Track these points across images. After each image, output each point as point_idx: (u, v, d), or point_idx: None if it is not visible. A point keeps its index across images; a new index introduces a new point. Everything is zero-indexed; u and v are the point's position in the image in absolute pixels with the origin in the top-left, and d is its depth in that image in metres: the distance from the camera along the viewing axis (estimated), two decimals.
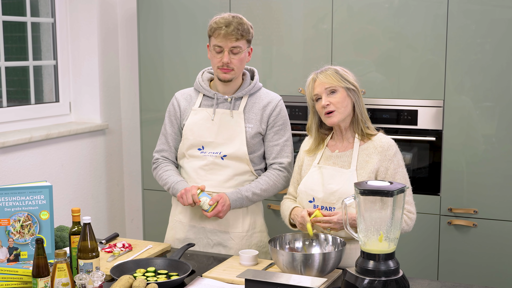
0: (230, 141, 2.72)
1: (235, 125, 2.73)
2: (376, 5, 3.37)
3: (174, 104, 2.86)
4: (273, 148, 2.77)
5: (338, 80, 2.45)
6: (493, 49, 3.18)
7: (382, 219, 2.05)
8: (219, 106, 2.77)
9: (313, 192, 2.50)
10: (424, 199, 3.35)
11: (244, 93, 2.76)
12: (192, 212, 2.79)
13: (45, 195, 2.42)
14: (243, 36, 2.65)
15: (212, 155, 2.73)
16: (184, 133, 2.78)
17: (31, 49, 3.91)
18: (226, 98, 2.75)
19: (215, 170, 2.74)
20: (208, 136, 2.74)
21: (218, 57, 2.67)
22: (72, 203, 3.94)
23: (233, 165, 2.73)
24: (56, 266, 2.06)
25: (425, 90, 3.33)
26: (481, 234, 3.28)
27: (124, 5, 4.28)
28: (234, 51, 2.65)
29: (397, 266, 2.07)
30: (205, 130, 2.75)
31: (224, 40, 2.63)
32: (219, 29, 2.63)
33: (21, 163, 3.60)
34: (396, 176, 2.43)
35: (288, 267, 2.24)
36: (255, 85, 2.79)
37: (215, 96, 2.76)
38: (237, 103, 2.76)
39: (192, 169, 2.78)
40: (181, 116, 2.83)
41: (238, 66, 2.68)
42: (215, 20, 2.68)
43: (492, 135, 3.22)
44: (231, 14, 2.69)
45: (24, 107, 3.87)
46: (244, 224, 2.79)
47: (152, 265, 2.37)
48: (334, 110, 2.45)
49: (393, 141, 2.50)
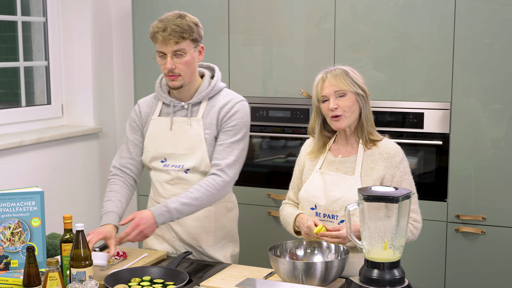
0: (191, 152, 2.64)
1: (194, 133, 2.64)
2: (381, 4, 3.38)
3: (136, 111, 2.78)
4: (217, 148, 2.63)
5: (349, 84, 2.44)
6: (502, 49, 3.19)
7: (387, 226, 2.06)
8: (177, 114, 2.68)
9: (315, 199, 2.50)
10: (431, 206, 3.35)
11: (201, 97, 2.65)
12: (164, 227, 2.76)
13: (36, 201, 2.43)
14: (183, 37, 2.53)
15: (175, 168, 2.66)
16: (146, 145, 2.72)
17: (22, 49, 3.91)
18: (183, 105, 2.67)
19: (181, 184, 2.67)
20: (168, 148, 2.66)
21: (163, 64, 2.57)
22: (64, 209, 3.94)
23: (198, 177, 2.65)
24: (48, 275, 2.06)
25: (431, 92, 3.33)
26: (490, 241, 3.29)
27: (118, 3, 4.29)
28: (177, 54, 2.54)
29: (403, 275, 2.07)
30: (165, 141, 2.67)
31: (163, 45, 2.54)
32: (157, 34, 2.53)
33: (11, 168, 3.60)
34: (402, 184, 2.44)
35: (289, 276, 2.24)
36: (214, 87, 2.67)
37: (171, 103, 2.68)
38: (195, 109, 2.67)
39: (158, 182, 2.72)
40: (143, 123, 2.75)
41: (185, 70, 2.57)
42: (153, 24, 2.58)
43: (501, 139, 3.23)
44: (173, 14, 2.58)
45: (15, 109, 3.88)
46: (217, 236, 2.76)
47: (148, 274, 2.37)
48: (341, 115, 2.45)
49: (399, 147, 2.51)
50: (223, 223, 2.79)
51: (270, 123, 3.69)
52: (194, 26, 2.58)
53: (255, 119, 3.69)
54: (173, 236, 2.77)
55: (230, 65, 3.74)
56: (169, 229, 2.76)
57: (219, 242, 2.77)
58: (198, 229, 2.73)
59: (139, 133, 2.76)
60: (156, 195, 2.76)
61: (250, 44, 3.69)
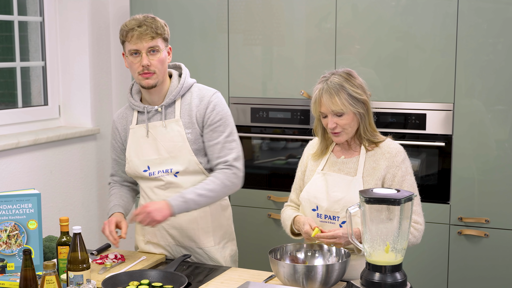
0: (176, 154, 2.66)
1: (176, 135, 2.66)
2: (382, 3, 3.39)
3: (113, 127, 2.83)
4: (214, 147, 2.68)
5: (345, 105, 2.41)
6: (506, 49, 3.19)
7: (389, 229, 2.06)
8: (152, 119, 2.70)
9: (316, 200, 2.50)
10: (433, 208, 3.35)
11: (173, 97, 2.68)
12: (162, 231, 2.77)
13: (33, 204, 2.43)
14: (158, 33, 2.59)
15: (163, 174, 2.68)
16: (127, 155, 2.74)
17: (18, 49, 3.91)
18: (156, 108, 2.68)
19: (172, 188, 2.69)
20: (150, 154, 2.69)
21: (136, 62, 2.60)
22: (61, 212, 3.95)
23: (188, 179, 2.68)
24: (45, 278, 2.06)
25: (434, 93, 3.34)
26: (493, 244, 3.29)
27: (116, 3, 4.29)
28: (152, 51, 2.59)
29: (405, 279, 2.07)
30: (146, 148, 2.69)
31: (139, 41, 2.57)
32: (132, 31, 2.57)
33: (8, 169, 3.61)
34: (403, 184, 2.43)
35: (289, 280, 2.24)
36: (184, 84, 2.70)
37: (145, 109, 2.69)
38: (170, 110, 2.69)
39: (149, 189, 2.74)
40: (122, 139, 2.80)
41: (159, 68, 2.61)
42: (124, 23, 2.62)
43: (504, 141, 3.23)
44: (141, 15, 2.65)
45: (11, 110, 3.88)
46: (217, 236, 2.78)
47: (146, 277, 2.38)
48: (340, 131, 2.46)
49: (401, 147, 2.51)
50: (220, 222, 2.80)
51: (270, 124, 3.69)
52: (165, 26, 2.66)
53: (255, 120, 3.69)
54: (170, 242, 2.77)
55: (230, 65, 3.74)
56: (164, 235, 2.77)
57: (219, 242, 2.78)
58: (196, 230, 2.74)
59: (119, 150, 2.83)
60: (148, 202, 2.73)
61: (250, 44, 3.70)
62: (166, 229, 2.75)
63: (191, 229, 2.74)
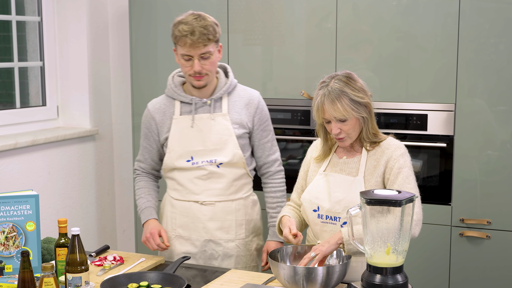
0: (222, 146, 2.76)
1: (223, 128, 2.76)
2: (383, 3, 3.39)
3: (147, 116, 2.88)
4: (264, 146, 2.87)
5: (347, 111, 2.40)
6: (508, 49, 3.19)
7: (390, 231, 2.06)
8: (199, 111, 2.78)
9: (318, 201, 2.50)
10: (435, 209, 3.35)
11: (223, 92, 2.79)
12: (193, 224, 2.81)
13: (31, 205, 2.43)
14: (210, 39, 2.65)
15: (206, 163, 2.76)
16: (170, 144, 2.80)
17: (16, 49, 3.92)
18: (205, 101, 2.78)
19: (213, 178, 2.78)
20: (196, 145, 2.76)
21: (188, 66, 2.68)
22: (59, 213, 3.95)
23: (230, 171, 2.78)
24: (43, 280, 2.06)
25: (435, 93, 3.34)
26: (495, 246, 3.29)
27: (115, 2, 4.29)
28: (204, 57, 2.66)
29: (406, 281, 2.07)
30: (191, 138, 2.77)
31: (191, 49, 2.64)
32: (184, 38, 2.63)
33: (6, 170, 3.61)
34: (399, 176, 2.40)
35: (289, 282, 2.24)
36: (231, 83, 2.83)
37: (192, 101, 2.78)
38: (217, 104, 2.79)
39: (187, 179, 2.79)
40: (158, 129, 2.85)
41: (211, 70, 2.71)
42: (178, 27, 2.66)
43: (507, 141, 3.23)
44: (193, 15, 2.68)
45: (9, 111, 3.88)
46: (247, 229, 2.86)
47: (145, 279, 2.38)
48: (344, 136, 2.46)
49: (402, 144, 2.51)
50: (252, 216, 2.91)
51: None
52: (216, 27, 2.71)
53: None
54: (202, 236, 2.81)
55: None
56: (198, 227, 2.82)
57: (249, 235, 2.88)
58: (232, 222, 2.82)
59: (151, 140, 2.88)
60: (184, 194, 2.81)
61: (250, 44, 3.70)
62: (202, 221, 2.80)
63: (227, 220, 2.82)
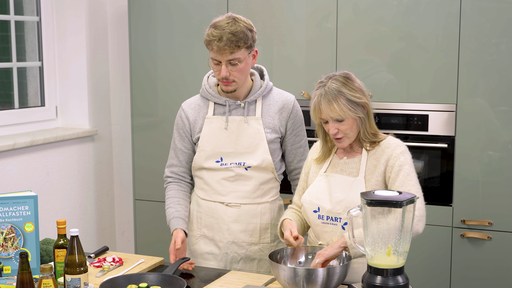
0: (252, 150, 2.73)
1: (255, 132, 2.73)
2: (384, 3, 3.39)
3: (182, 116, 2.83)
4: (297, 151, 2.83)
5: (344, 111, 2.40)
6: (509, 49, 3.19)
7: (391, 232, 2.06)
8: (232, 113, 2.76)
9: (318, 201, 2.50)
10: (436, 210, 3.35)
11: (257, 95, 2.76)
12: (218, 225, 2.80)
13: (29, 206, 2.43)
14: (239, 46, 2.58)
15: (235, 166, 2.74)
16: (201, 144, 2.77)
17: (15, 49, 3.92)
18: (239, 103, 2.74)
19: (240, 181, 2.75)
20: (227, 146, 2.74)
21: (217, 70, 2.66)
22: (58, 214, 3.95)
23: (258, 175, 2.75)
24: (42, 282, 2.06)
25: (436, 94, 3.34)
26: (497, 247, 3.29)
27: (114, 2, 4.29)
28: (232, 63, 2.62)
29: (407, 282, 2.07)
30: (223, 139, 2.74)
31: (219, 54, 2.60)
32: (212, 43, 2.59)
33: (4, 171, 3.61)
34: (400, 173, 2.40)
35: (289, 283, 2.24)
36: (267, 86, 2.78)
37: (226, 102, 2.75)
38: (251, 107, 2.76)
39: (215, 180, 2.77)
40: (192, 129, 2.81)
41: (239, 77, 2.65)
42: (209, 30, 2.62)
43: (508, 142, 3.23)
44: (228, 18, 2.62)
45: (7, 111, 3.88)
46: (272, 234, 2.83)
47: (144, 280, 2.37)
48: (342, 136, 2.46)
49: (402, 142, 2.51)
50: (278, 221, 2.86)
51: None
52: (248, 32, 2.62)
53: None
54: (225, 238, 2.79)
55: None
56: (222, 229, 2.80)
57: (274, 240, 2.84)
58: (257, 225, 2.80)
59: (186, 140, 2.83)
60: (210, 194, 2.80)
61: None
62: (227, 222, 2.78)
63: (253, 223, 2.79)
